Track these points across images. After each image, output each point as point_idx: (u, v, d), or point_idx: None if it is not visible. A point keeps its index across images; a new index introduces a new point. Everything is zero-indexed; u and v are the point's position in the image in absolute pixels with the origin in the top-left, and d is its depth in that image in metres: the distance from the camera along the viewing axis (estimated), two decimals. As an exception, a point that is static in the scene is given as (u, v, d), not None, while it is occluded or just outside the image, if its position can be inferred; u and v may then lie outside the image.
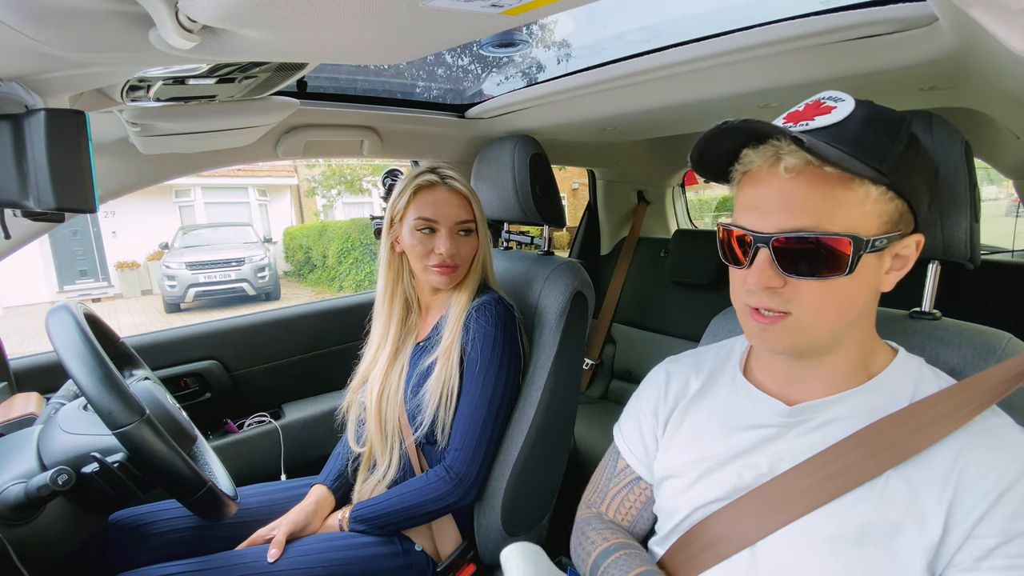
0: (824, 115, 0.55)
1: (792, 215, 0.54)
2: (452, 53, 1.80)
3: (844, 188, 0.53)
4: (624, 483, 0.81)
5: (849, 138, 0.53)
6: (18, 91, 0.61)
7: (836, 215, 0.53)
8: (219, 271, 9.28)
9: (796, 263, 0.55)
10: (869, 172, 0.52)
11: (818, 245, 0.53)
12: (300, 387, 1.72)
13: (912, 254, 0.58)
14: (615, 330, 2.32)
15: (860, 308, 0.58)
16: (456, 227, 1.09)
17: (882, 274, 0.58)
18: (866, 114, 0.55)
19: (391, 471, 1.10)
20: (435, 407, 1.05)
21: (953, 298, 0.85)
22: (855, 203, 0.53)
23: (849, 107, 0.55)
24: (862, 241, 0.53)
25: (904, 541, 0.54)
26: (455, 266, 1.09)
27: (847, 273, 0.54)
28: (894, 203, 0.55)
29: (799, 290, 0.56)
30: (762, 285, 0.57)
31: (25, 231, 1.09)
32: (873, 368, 0.63)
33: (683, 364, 0.80)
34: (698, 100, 1.20)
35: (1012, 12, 0.45)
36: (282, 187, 14.04)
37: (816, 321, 0.57)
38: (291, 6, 0.47)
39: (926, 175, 0.57)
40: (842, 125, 0.54)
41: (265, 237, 11.45)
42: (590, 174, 2.47)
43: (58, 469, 0.73)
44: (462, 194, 1.11)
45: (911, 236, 0.57)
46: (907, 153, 0.54)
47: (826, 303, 0.56)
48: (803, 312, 0.56)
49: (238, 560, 0.96)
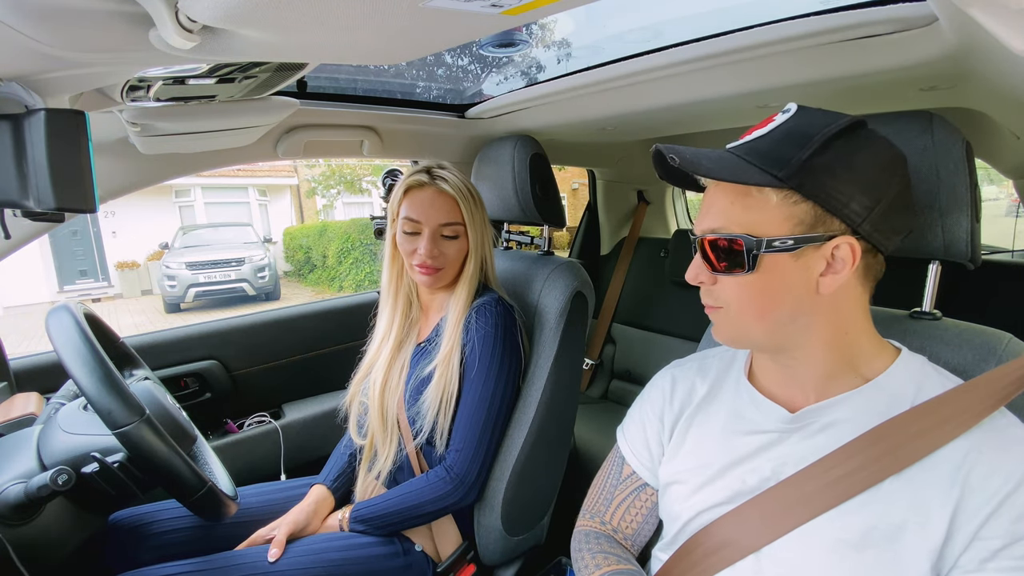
0: (760, 128, 0.61)
1: (710, 218, 0.62)
2: (452, 53, 1.80)
3: (745, 194, 0.59)
4: (630, 490, 0.81)
5: (761, 150, 0.59)
6: (18, 91, 0.61)
7: (739, 218, 0.59)
8: (219, 271, 9.28)
9: (714, 261, 0.62)
10: (757, 179, 0.56)
11: (725, 244, 0.60)
12: (300, 387, 1.72)
13: (847, 256, 0.57)
14: (615, 330, 2.32)
15: (788, 307, 0.60)
16: (439, 229, 1.07)
17: (814, 275, 0.58)
18: (789, 126, 0.59)
19: (389, 461, 1.10)
20: (434, 414, 1.05)
21: (953, 298, 0.85)
22: (755, 207, 0.59)
23: (781, 119, 0.60)
24: (755, 241, 0.58)
25: (908, 543, 0.54)
26: (436, 268, 1.07)
27: (749, 270, 0.59)
28: (801, 205, 0.57)
29: (724, 287, 0.62)
30: (694, 280, 0.65)
31: (25, 231, 1.09)
32: (871, 369, 0.62)
33: (689, 369, 0.79)
34: (698, 100, 1.20)
35: (1012, 12, 0.45)
36: (282, 187, 14.04)
37: (740, 315, 0.62)
38: (291, 6, 0.47)
39: (855, 177, 0.56)
40: (761, 138, 0.60)
41: (265, 237, 11.45)
42: (590, 174, 2.47)
43: (58, 469, 0.73)
44: (450, 196, 1.08)
45: (840, 238, 0.57)
46: (817, 158, 0.56)
47: (742, 299, 0.61)
48: (730, 307, 0.63)
49: (238, 560, 0.96)
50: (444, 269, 1.09)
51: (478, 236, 1.11)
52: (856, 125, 0.58)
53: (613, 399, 2.27)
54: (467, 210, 1.09)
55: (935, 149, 0.68)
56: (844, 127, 0.57)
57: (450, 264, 1.09)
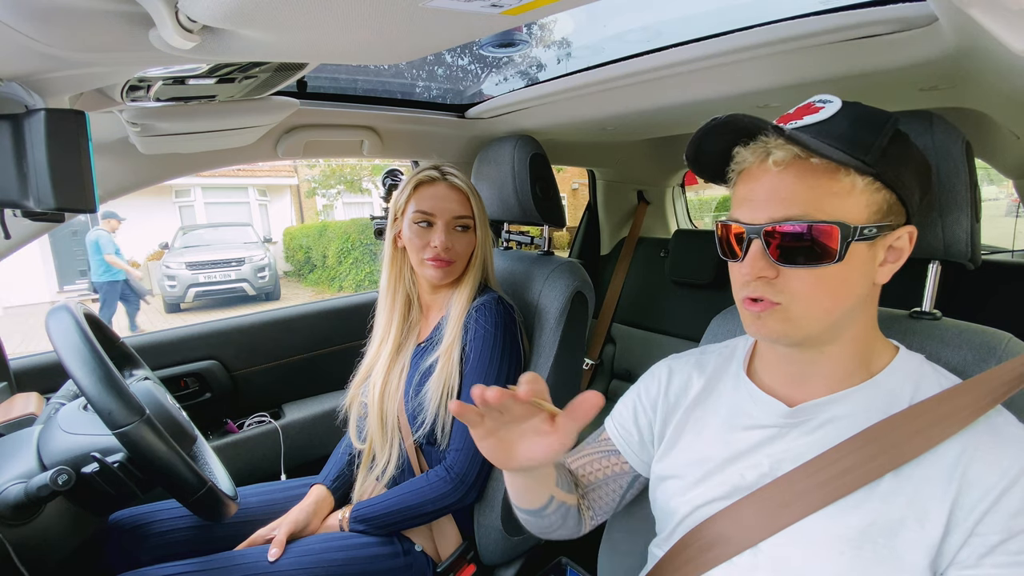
0: (812, 114, 0.58)
1: (782, 205, 0.56)
2: (452, 53, 1.80)
3: (831, 178, 0.55)
4: (600, 449, 0.83)
5: (835, 133, 0.55)
6: (18, 91, 0.61)
7: (824, 204, 0.55)
8: (219, 271, 9.27)
9: (787, 252, 0.57)
10: (853, 162, 0.53)
11: (807, 232, 0.55)
12: (300, 387, 1.72)
13: (906, 246, 0.59)
14: (615, 330, 2.32)
15: (854, 299, 0.59)
16: (453, 221, 1.10)
17: (876, 266, 0.59)
18: (852, 112, 0.57)
19: (390, 467, 1.10)
20: (436, 406, 1.05)
21: (953, 298, 0.85)
22: (842, 192, 0.55)
23: (836, 107, 0.58)
24: (850, 228, 0.55)
25: (906, 539, 0.54)
26: (450, 261, 1.09)
27: (837, 260, 0.55)
28: (881, 193, 0.56)
29: (791, 280, 0.57)
30: (755, 275, 0.58)
31: (25, 231, 1.09)
32: (874, 366, 0.63)
33: (686, 362, 0.80)
34: (698, 100, 1.20)
35: (1012, 12, 0.45)
36: (282, 187, 14.04)
37: (807, 311, 0.58)
38: (291, 6, 0.47)
39: (915, 169, 0.59)
40: (828, 122, 0.57)
41: (265, 237, 11.45)
42: (590, 174, 2.47)
43: (58, 469, 0.73)
44: (461, 190, 1.11)
45: (903, 228, 0.59)
46: (892, 147, 0.56)
47: (817, 292, 0.57)
48: (794, 302, 0.58)
49: (238, 560, 0.96)
50: (455, 263, 1.11)
51: (484, 232, 1.14)
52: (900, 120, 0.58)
53: (613, 399, 2.26)
54: (476, 206, 1.13)
55: (935, 149, 0.68)
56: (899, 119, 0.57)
57: (459, 258, 1.11)
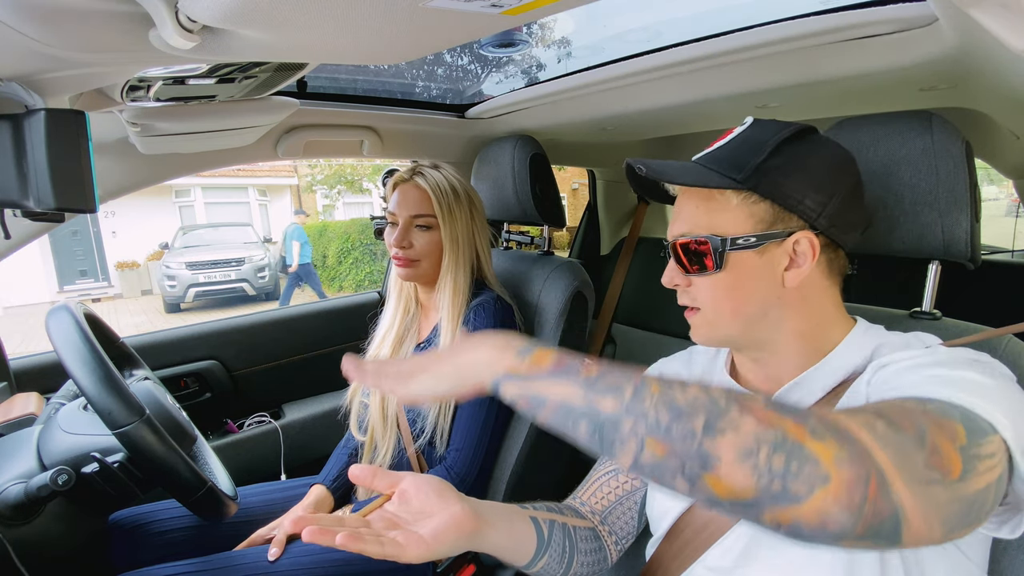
0: (720, 140, 0.66)
1: (679, 223, 0.66)
2: (452, 53, 1.80)
3: (708, 198, 0.64)
4: (602, 472, 0.83)
5: (720, 157, 0.64)
6: (18, 91, 0.61)
7: (703, 220, 0.64)
8: (219, 271, 9.28)
9: (685, 264, 0.66)
10: (717, 182, 0.61)
11: (691, 245, 0.64)
12: (300, 387, 1.72)
13: (807, 250, 0.62)
14: (615, 330, 2.32)
15: (758, 302, 0.63)
16: (411, 220, 1.11)
17: (779, 271, 0.62)
18: (742, 135, 0.65)
19: (388, 456, 1.10)
20: (435, 414, 1.06)
21: (953, 298, 0.85)
22: (719, 209, 0.63)
23: (739, 131, 0.66)
24: (720, 240, 0.62)
25: None
26: (410, 259, 1.11)
27: (718, 269, 0.63)
28: (761, 205, 0.62)
29: (700, 289, 0.66)
30: (669, 282, 0.69)
31: (25, 231, 1.09)
32: (827, 347, 0.65)
33: (675, 365, 0.82)
34: (698, 100, 1.20)
35: (1012, 12, 0.45)
36: (282, 187, 14.05)
37: (716, 315, 0.65)
38: (291, 6, 0.47)
39: (810, 176, 0.61)
40: (720, 148, 0.65)
41: (265, 237, 11.46)
42: (590, 174, 2.47)
43: (58, 469, 0.73)
44: (422, 189, 1.11)
45: (799, 233, 0.61)
46: (771, 161, 0.61)
47: (717, 297, 0.64)
48: (706, 307, 0.66)
49: (238, 560, 0.96)
50: (419, 262, 1.12)
51: (455, 232, 1.12)
52: (806, 131, 0.63)
53: (613, 399, 2.26)
54: (439, 204, 1.11)
55: (935, 149, 0.68)
56: (794, 132, 0.62)
57: (422, 257, 1.12)
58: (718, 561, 0.65)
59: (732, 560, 0.64)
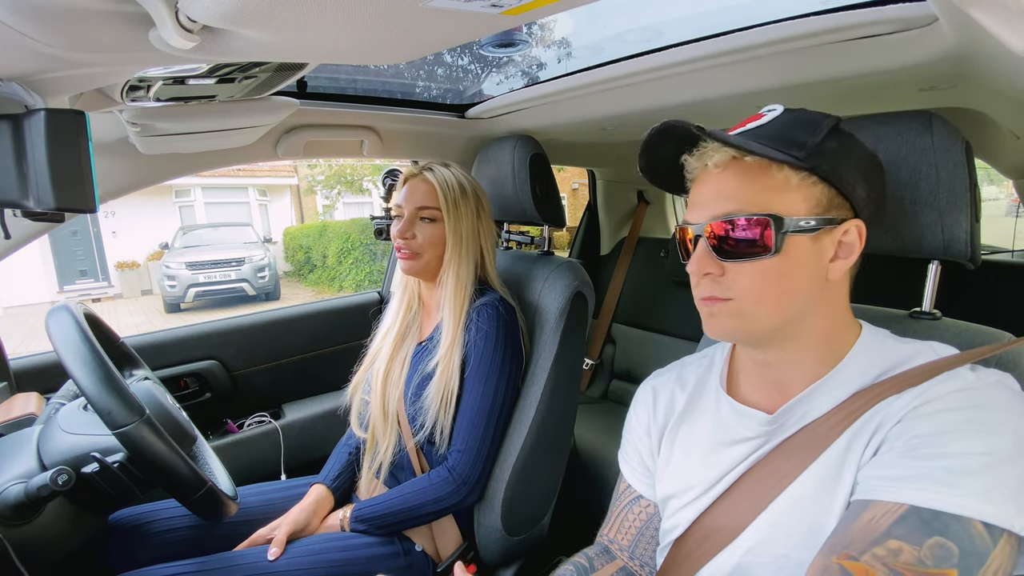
0: (754, 121, 0.61)
1: (720, 203, 0.59)
2: (452, 53, 1.80)
3: (764, 175, 0.58)
4: (625, 502, 0.82)
5: (770, 134, 0.58)
6: (18, 91, 0.61)
7: (759, 199, 0.57)
8: (219, 271, 9.28)
9: (728, 248, 0.59)
10: (783, 157, 0.55)
11: (744, 225, 0.57)
12: (300, 387, 1.72)
13: (855, 241, 0.59)
14: (615, 330, 2.32)
15: (803, 294, 0.59)
16: (416, 212, 1.11)
17: (825, 261, 0.59)
18: (790, 116, 0.60)
19: (389, 453, 1.10)
20: (436, 411, 1.05)
21: (953, 298, 0.85)
22: (776, 187, 0.57)
23: (777, 112, 0.61)
24: (782, 220, 0.57)
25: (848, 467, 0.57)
26: (412, 252, 1.11)
27: (774, 252, 0.57)
28: (819, 187, 0.58)
29: (738, 276, 0.59)
30: (701, 272, 0.61)
31: (25, 231, 1.09)
32: (839, 354, 0.63)
33: (668, 379, 0.80)
34: (698, 100, 1.20)
35: (1012, 12, 0.45)
36: (282, 187, 14.04)
37: (756, 306, 0.59)
38: (291, 6, 0.47)
39: (857, 165, 0.59)
40: (765, 126, 0.60)
41: (265, 237, 11.45)
42: (590, 174, 2.47)
43: (58, 469, 0.73)
44: (429, 183, 1.12)
45: (850, 222, 0.59)
46: (828, 143, 0.57)
47: (762, 286, 0.58)
48: (743, 297, 0.59)
49: (238, 560, 0.96)
50: (421, 255, 1.11)
51: (459, 226, 1.11)
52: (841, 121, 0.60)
53: (613, 399, 2.27)
54: (445, 198, 1.10)
55: (935, 149, 0.68)
56: (838, 119, 0.59)
57: (424, 250, 1.11)
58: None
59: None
